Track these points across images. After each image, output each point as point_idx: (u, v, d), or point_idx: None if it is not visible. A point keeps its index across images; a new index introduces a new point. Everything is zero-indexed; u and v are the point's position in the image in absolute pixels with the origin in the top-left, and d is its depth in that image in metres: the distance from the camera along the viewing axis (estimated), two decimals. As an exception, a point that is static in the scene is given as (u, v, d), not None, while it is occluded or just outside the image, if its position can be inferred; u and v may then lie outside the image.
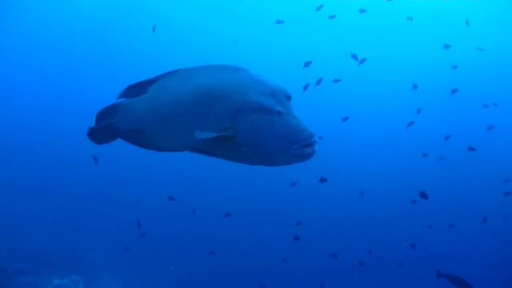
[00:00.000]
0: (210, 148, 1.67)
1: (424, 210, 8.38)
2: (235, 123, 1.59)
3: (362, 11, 9.43)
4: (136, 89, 1.85)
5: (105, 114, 1.89)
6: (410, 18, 9.84)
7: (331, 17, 8.96)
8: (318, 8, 8.75)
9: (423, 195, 4.66)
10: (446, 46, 8.81)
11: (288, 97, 1.66)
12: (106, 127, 1.89)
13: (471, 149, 6.73)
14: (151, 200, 9.70)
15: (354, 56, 7.94)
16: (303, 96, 6.63)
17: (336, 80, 8.13)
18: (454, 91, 8.16)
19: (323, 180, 5.46)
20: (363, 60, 8.18)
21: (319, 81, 7.48)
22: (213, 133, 1.59)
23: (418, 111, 8.38)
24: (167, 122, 1.73)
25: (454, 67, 8.97)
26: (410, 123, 8.14)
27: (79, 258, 7.94)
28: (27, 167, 12.10)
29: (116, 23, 14.85)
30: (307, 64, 7.74)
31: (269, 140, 1.56)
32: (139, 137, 1.82)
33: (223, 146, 1.63)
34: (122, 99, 1.90)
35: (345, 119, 7.85)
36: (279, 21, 9.31)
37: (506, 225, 8.74)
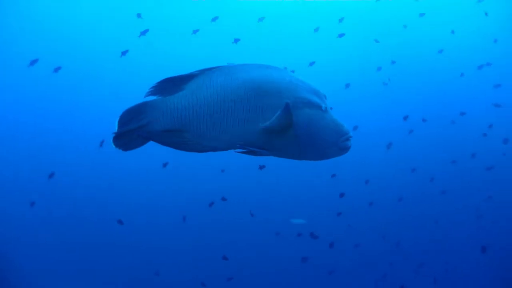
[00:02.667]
0: (264, 142, 1.69)
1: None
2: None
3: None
4: (168, 86, 1.74)
5: (133, 115, 1.72)
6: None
7: None
8: None
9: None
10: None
11: (325, 97, 1.78)
12: (135, 130, 1.72)
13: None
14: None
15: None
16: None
17: None
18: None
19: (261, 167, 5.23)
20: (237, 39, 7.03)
21: None
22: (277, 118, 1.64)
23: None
24: (215, 119, 1.69)
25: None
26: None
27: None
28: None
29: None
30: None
31: (322, 133, 1.69)
32: (177, 138, 1.73)
33: (277, 140, 1.68)
34: (152, 97, 1.75)
35: None
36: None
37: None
